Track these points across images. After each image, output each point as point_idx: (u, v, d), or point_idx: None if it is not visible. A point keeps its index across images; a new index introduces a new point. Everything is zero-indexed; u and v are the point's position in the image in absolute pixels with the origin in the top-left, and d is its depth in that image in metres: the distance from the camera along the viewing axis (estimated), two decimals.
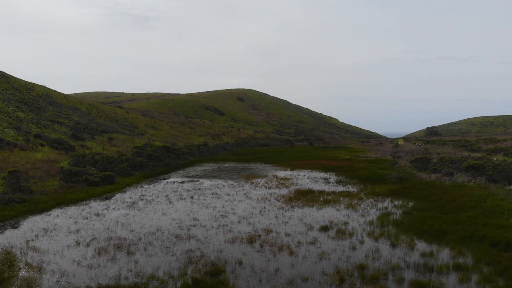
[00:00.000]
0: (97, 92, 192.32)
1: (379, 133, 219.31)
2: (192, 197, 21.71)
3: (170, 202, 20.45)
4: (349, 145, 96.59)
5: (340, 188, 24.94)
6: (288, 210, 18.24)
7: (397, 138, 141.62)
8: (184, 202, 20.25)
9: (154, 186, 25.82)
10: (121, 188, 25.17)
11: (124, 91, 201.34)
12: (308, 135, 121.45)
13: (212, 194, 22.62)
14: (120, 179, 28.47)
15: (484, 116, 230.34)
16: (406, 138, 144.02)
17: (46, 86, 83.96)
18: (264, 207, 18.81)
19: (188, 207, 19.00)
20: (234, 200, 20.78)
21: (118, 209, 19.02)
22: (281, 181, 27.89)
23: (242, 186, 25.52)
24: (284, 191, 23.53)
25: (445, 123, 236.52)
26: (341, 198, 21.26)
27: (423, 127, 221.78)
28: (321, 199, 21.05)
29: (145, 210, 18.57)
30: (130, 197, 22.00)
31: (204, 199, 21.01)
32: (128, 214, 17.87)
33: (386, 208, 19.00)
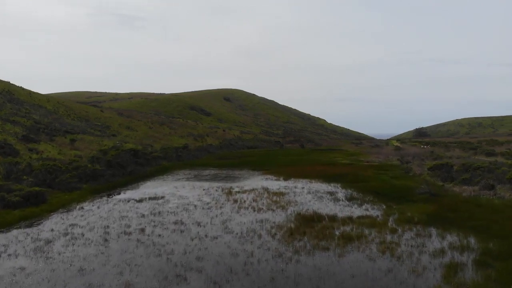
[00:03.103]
0: (78, 91, 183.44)
1: (367, 134, 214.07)
2: (143, 230, 14.47)
3: (106, 241, 13.21)
4: (342, 147, 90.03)
5: (356, 211, 17.95)
6: (292, 260, 11.14)
7: (390, 140, 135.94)
8: (126, 242, 13.02)
9: (98, 208, 18.52)
10: (51, 211, 17.85)
11: (108, 91, 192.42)
12: (297, 136, 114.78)
13: (175, 223, 15.41)
14: (56, 196, 21.12)
15: (472, 117, 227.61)
16: (400, 139, 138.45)
17: (11, 82, 75.76)
18: (252, 253, 11.68)
19: (128, 254, 11.78)
20: (206, 236, 13.60)
21: (16, 255, 11.75)
22: (274, 198, 20.84)
23: (220, 207, 18.37)
24: (280, 217, 16.45)
25: (433, 124, 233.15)
26: (366, 231, 14.26)
27: (411, 128, 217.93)
28: (336, 232, 14.02)
29: (56, 260, 11.33)
30: (52, 230, 14.71)
31: (159, 235, 13.79)
32: (23, 269, 10.62)
33: (442, 252, 12.07)
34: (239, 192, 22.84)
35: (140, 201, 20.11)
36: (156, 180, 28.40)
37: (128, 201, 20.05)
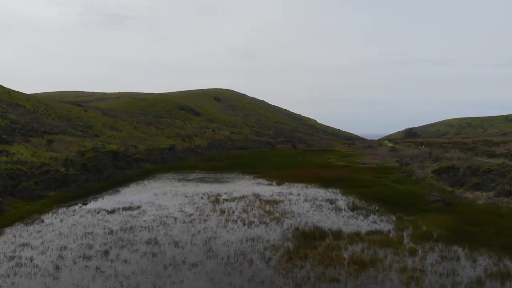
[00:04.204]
0: (65, 91, 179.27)
1: (358, 135, 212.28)
2: (106, 252, 11.76)
3: (57, 269, 10.49)
4: (335, 147, 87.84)
5: (363, 224, 15.42)
6: None
7: (382, 140, 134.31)
8: (82, 271, 10.31)
9: (60, 222, 15.75)
10: (4, 226, 15.02)
11: (96, 91, 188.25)
12: (289, 137, 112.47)
13: (148, 243, 12.72)
14: (16, 206, 18.31)
15: (461, 118, 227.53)
16: (392, 140, 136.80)
17: None
18: None
19: None
20: (183, 262, 10.95)
21: None
22: (267, 207, 18.24)
23: (204, 221, 15.71)
24: (275, 233, 13.84)
25: (422, 124, 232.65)
26: (380, 252, 11.73)
27: (400, 128, 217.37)
28: (345, 255, 11.46)
29: None
30: None
31: (125, 260, 11.10)
32: None
33: (480, 283, 9.59)
34: (227, 200, 20.19)
35: (112, 212, 17.35)
36: (135, 185, 25.60)
37: (98, 212, 17.28)
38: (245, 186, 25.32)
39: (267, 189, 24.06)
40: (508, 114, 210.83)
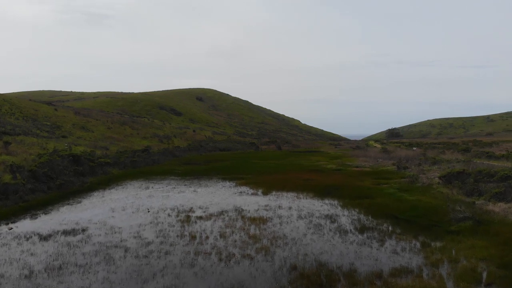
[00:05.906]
0: (42, 91, 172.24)
1: (341, 135, 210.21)
2: None
3: None
4: (321, 148, 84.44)
5: (382, 255, 11.47)
6: None
7: (367, 140, 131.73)
8: None
9: None
10: None
11: (74, 90, 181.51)
12: (273, 137, 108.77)
13: None
14: None
15: (443, 118, 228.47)
16: (379, 140, 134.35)
17: None
18: None
19: None
20: None
21: None
22: (252, 229, 14.19)
23: (166, 253, 11.55)
24: (264, 276, 9.78)
25: (404, 125, 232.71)
26: None
27: (383, 129, 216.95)
28: None
29: None
30: None
31: None
32: None
33: None
34: (201, 218, 16.03)
35: (46, 238, 13.04)
36: (92, 196, 21.19)
37: (28, 239, 12.96)
38: (225, 197, 21.20)
39: (251, 201, 19.99)
40: (489, 114, 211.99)
